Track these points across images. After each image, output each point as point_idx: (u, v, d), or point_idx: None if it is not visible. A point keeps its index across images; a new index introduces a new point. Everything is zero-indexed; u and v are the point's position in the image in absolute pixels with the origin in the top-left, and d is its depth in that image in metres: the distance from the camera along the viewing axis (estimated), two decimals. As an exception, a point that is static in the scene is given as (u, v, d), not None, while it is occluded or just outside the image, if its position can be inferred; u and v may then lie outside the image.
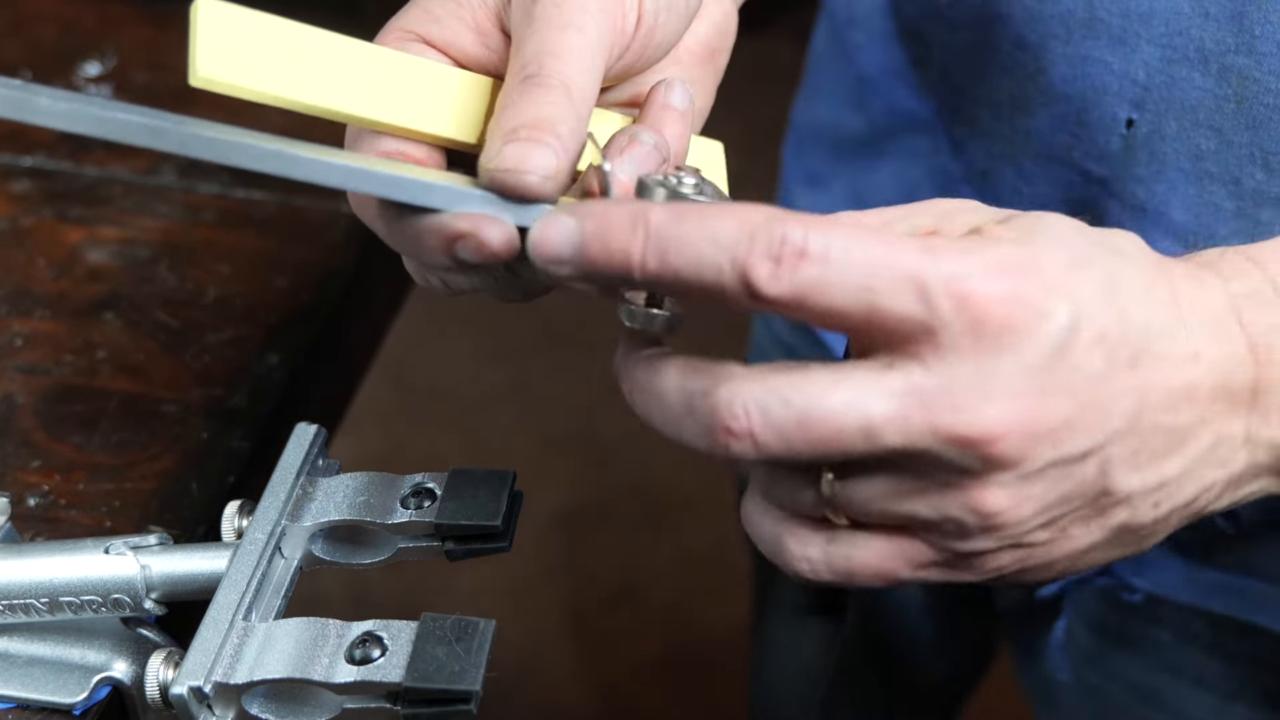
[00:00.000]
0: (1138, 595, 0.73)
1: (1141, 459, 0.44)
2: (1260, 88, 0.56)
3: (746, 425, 0.41)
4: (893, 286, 0.40)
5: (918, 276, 0.40)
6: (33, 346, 0.69)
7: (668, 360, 0.44)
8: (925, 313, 0.40)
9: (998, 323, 0.40)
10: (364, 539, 0.54)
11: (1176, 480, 0.45)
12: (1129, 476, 0.44)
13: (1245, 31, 0.56)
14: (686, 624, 1.92)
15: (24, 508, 0.61)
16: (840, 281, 0.40)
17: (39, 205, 0.77)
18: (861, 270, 0.40)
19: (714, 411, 0.42)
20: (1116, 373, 0.42)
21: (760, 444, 0.41)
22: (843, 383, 0.41)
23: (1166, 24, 0.57)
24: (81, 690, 0.52)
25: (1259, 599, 0.69)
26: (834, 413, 0.41)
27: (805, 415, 0.41)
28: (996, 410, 0.41)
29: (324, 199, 0.77)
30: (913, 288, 0.40)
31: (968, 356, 0.41)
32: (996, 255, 0.41)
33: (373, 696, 0.47)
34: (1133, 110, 0.60)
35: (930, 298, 0.40)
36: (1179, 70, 0.58)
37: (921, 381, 0.41)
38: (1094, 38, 0.60)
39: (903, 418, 0.41)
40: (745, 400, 0.41)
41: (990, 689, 1.15)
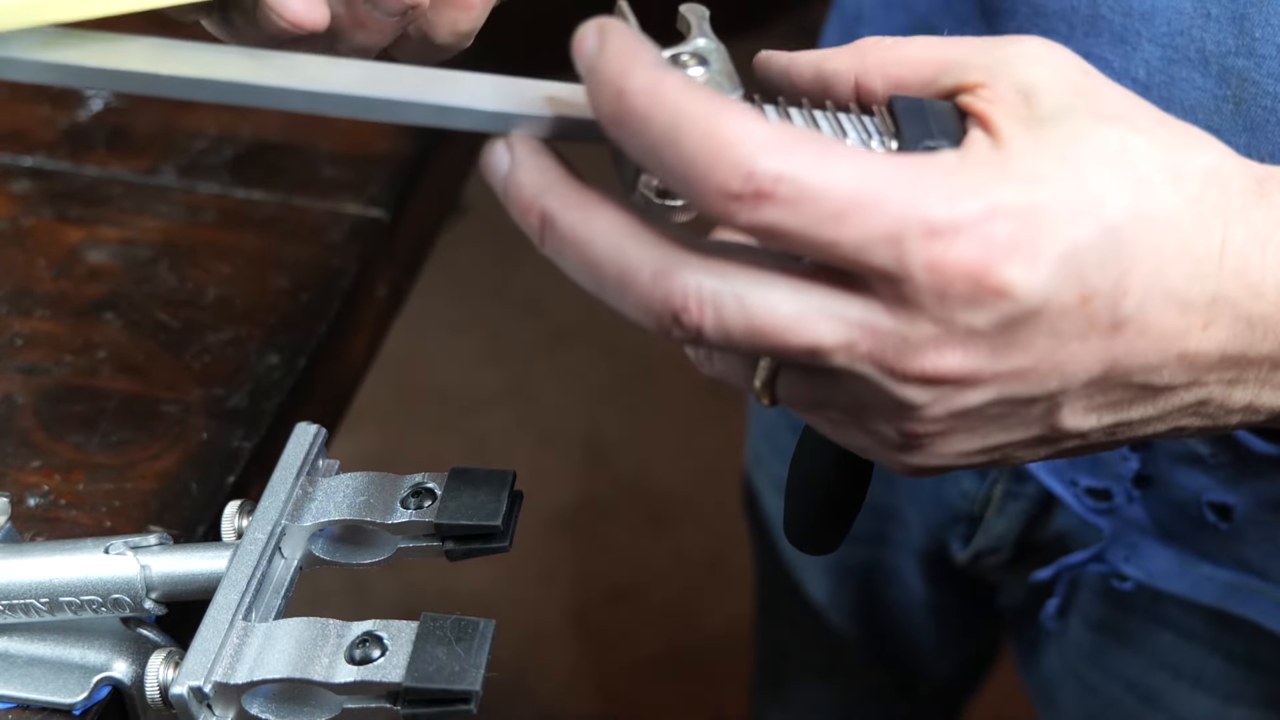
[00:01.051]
0: (1129, 584, 0.73)
1: (1100, 407, 0.42)
2: (1259, 90, 0.56)
3: (697, 320, 0.39)
4: (866, 239, 0.38)
5: (896, 233, 0.38)
6: (33, 346, 0.69)
7: (602, 210, 0.40)
8: (897, 269, 0.38)
9: (962, 295, 0.38)
10: (364, 539, 0.54)
11: (1142, 423, 0.43)
12: (1083, 419, 0.43)
13: (1246, 34, 0.56)
14: (686, 624, 1.92)
15: (24, 508, 0.61)
16: (806, 229, 0.38)
17: (39, 205, 0.77)
18: (832, 221, 0.38)
19: (667, 298, 0.39)
20: (1090, 336, 0.40)
21: (704, 338, 0.40)
22: (800, 296, 0.39)
23: (1168, 24, 0.58)
24: (81, 690, 0.52)
25: (1251, 593, 0.69)
26: (785, 327, 0.39)
27: (757, 323, 0.39)
28: (947, 360, 0.39)
29: (324, 199, 0.78)
30: (888, 244, 0.38)
31: (929, 311, 0.39)
32: (991, 205, 0.38)
33: (373, 696, 0.47)
34: None
35: (904, 257, 0.38)
36: (1179, 70, 0.58)
37: (877, 320, 0.39)
38: (1095, 35, 0.60)
39: (850, 345, 0.39)
40: (701, 293, 0.39)
41: (991, 689, 1.15)
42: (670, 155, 0.38)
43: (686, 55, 0.43)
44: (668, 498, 2.08)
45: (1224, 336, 0.41)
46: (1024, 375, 0.40)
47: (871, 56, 0.44)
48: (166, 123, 0.82)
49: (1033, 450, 0.44)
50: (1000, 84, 0.41)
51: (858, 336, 0.39)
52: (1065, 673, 0.81)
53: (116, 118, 0.82)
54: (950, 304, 0.39)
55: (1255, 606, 0.69)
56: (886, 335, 0.39)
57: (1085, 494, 0.72)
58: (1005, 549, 0.79)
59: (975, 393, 0.41)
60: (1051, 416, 0.42)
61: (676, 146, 0.38)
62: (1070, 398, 0.41)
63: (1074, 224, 0.39)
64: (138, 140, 0.81)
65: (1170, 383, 0.42)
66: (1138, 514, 0.71)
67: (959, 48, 0.43)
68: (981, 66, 0.42)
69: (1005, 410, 0.42)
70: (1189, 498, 0.69)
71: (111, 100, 0.83)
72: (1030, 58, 0.42)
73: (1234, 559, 0.69)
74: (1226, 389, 0.43)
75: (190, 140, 0.81)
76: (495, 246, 2.40)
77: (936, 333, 0.39)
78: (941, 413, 0.41)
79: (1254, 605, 0.69)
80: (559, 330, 2.28)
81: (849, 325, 0.39)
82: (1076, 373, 0.41)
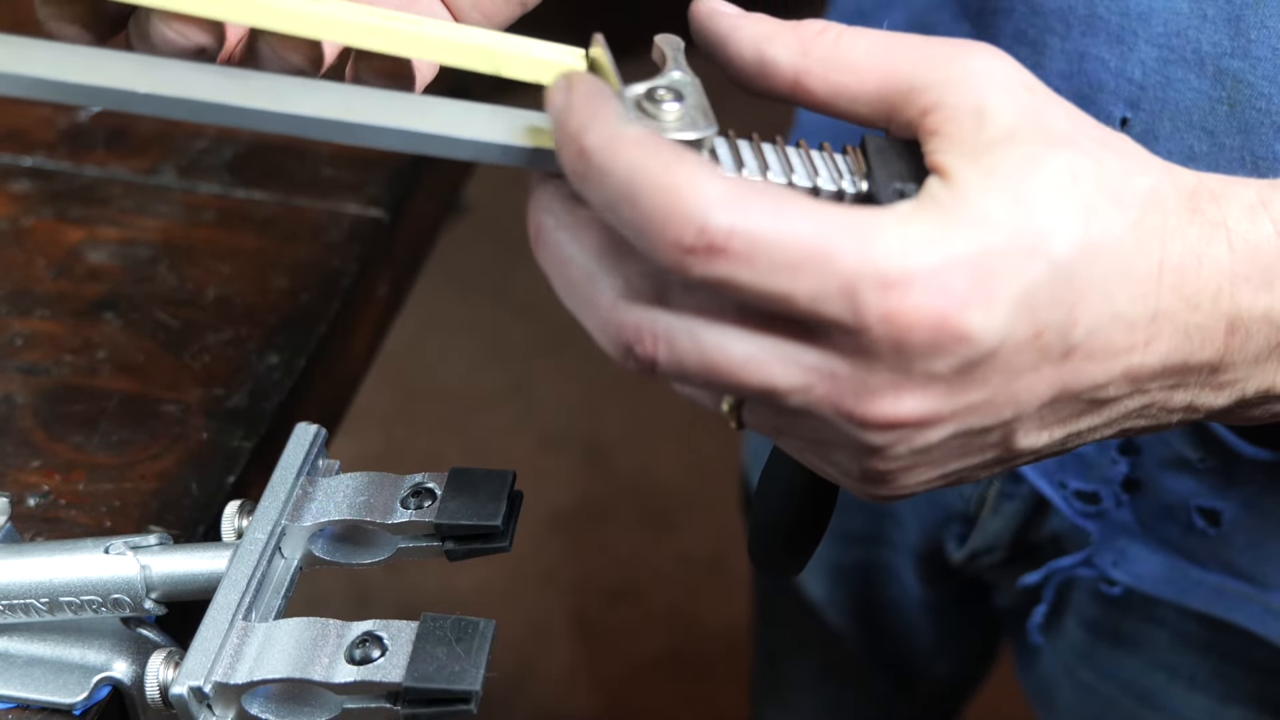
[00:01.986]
0: (1117, 589, 0.73)
1: (1052, 425, 0.43)
2: (1253, 92, 0.56)
3: (650, 352, 0.40)
4: (821, 292, 0.38)
5: (850, 286, 0.38)
6: (33, 346, 0.69)
7: (586, 233, 0.41)
8: (853, 320, 0.39)
9: (921, 344, 0.39)
10: (364, 539, 0.54)
11: (1090, 431, 0.44)
12: (1035, 438, 0.43)
13: (1241, 35, 0.56)
14: (686, 624, 1.92)
15: (24, 508, 0.61)
16: (760, 282, 0.38)
17: (39, 205, 0.77)
18: (786, 274, 0.38)
19: (620, 328, 0.40)
20: (1043, 366, 0.41)
21: (659, 370, 0.41)
22: (755, 339, 0.40)
23: (1165, 24, 0.58)
24: (81, 690, 0.52)
25: (1239, 598, 0.69)
26: (739, 367, 0.40)
27: (709, 361, 0.40)
28: (906, 405, 0.40)
29: (324, 199, 0.78)
30: (842, 296, 0.38)
31: (886, 359, 0.39)
32: (946, 258, 0.39)
33: (373, 696, 0.47)
34: (1128, 109, 0.60)
35: (859, 309, 0.38)
36: (1175, 71, 0.58)
37: (834, 366, 0.40)
38: (1092, 35, 0.60)
39: (806, 388, 0.40)
40: (655, 327, 0.40)
41: (990, 689, 1.15)
42: (626, 210, 0.39)
43: (662, 90, 0.43)
44: (668, 498, 2.08)
45: (1165, 349, 0.42)
46: (980, 409, 0.41)
47: (815, 53, 0.44)
48: (166, 123, 0.82)
49: (989, 469, 0.45)
50: (949, 106, 0.42)
51: (814, 380, 0.40)
52: (1061, 673, 0.81)
53: (116, 118, 0.82)
54: (908, 353, 0.39)
55: (1243, 611, 0.69)
56: (844, 381, 0.40)
57: (1074, 496, 0.72)
58: (1000, 549, 0.79)
59: (935, 431, 0.41)
60: (1008, 441, 0.43)
61: (632, 202, 0.39)
62: (1024, 422, 0.43)
63: (1027, 264, 0.40)
64: (138, 140, 0.81)
65: (1116, 395, 0.43)
66: (1126, 518, 0.71)
67: (906, 58, 0.43)
68: (930, 86, 0.42)
69: (963, 442, 0.43)
70: (1177, 502, 0.69)
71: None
72: (978, 75, 0.42)
73: (1222, 564, 0.69)
74: (1168, 394, 0.44)
75: (190, 140, 0.81)
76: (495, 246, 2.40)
77: (894, 379, 0.40)
78: (903, 451, 0.42)
79: (1242, 610, 0.69)
80: (559, 330, 2.28)
81: (804, 370, 0.40)
82: (1030, 400, 0.42)
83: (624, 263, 0.41)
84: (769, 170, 0.43)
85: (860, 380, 0.40)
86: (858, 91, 0.44)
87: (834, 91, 0.44)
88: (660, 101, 0.42)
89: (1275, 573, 0.68)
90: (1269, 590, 0.69)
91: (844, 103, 0.44)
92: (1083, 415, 0.44)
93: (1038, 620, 0.79)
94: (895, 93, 0.43)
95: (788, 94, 0.45)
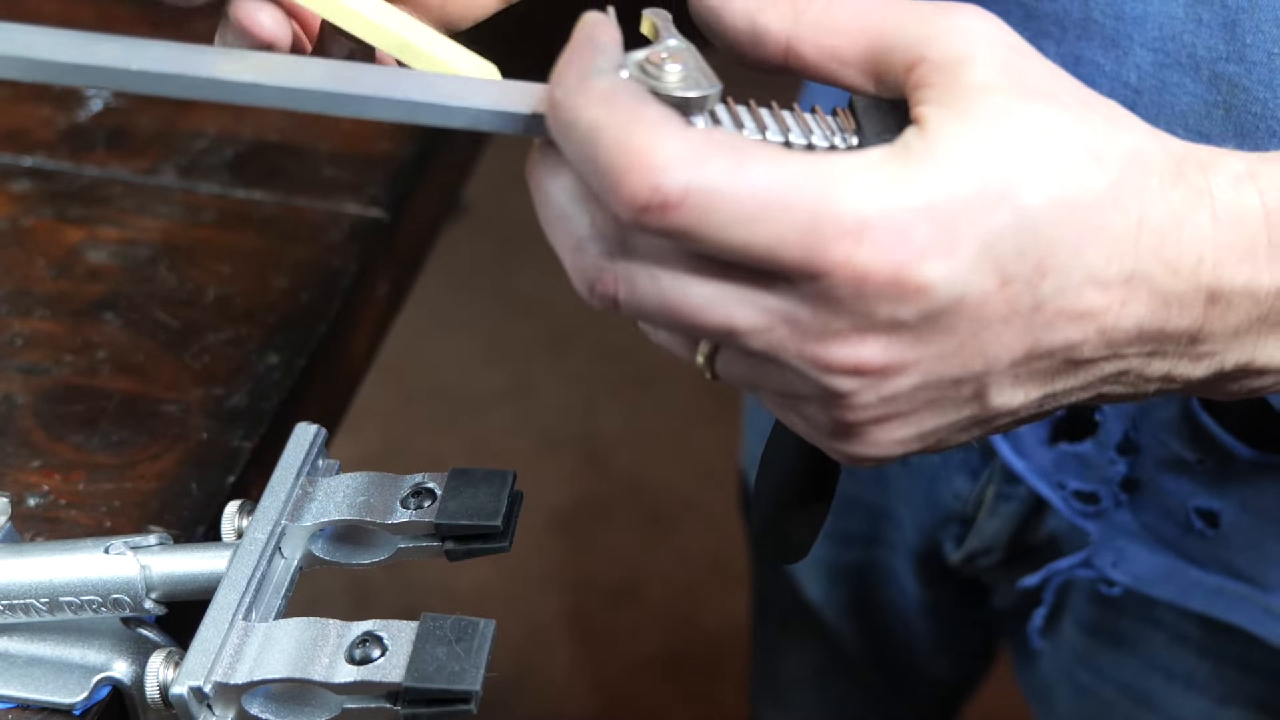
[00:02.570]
0: (1117, 589, 0.73)
1: (1026, 382, 0.43)
2: (1248, 96, 0.56)
3: (611, 292, 0.41)
4: (778, 241, 0.38)
5: (807, 233, 0.38)
6: (33, 346, 0.69)
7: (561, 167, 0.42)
8: (811, 267, 0.38)
9: (879, 292, 0.39)
10: (364, 539, 0.54)
11: (1066, 394, 0.44)
12: (1010, 396, 0.43)
13: (1236, 40, 0.56)
14: (686, 624, 1.92)
15: (24, 508, 0.61)
16: (716, 234, 0.39)
17: (39, 205, 0.77)
18: (743, 225, 0.38)
19: (584, 267, 0.41)
20: (1013, 319, 0.40)
21: (620, 308, 0.41)
22: (714, 283, 0.40)
23: (1160, 28, 0.58)
24: (81, 690, 0.52)
25: (1238, 599, 0.69)
26: (697, 307, 0.40)
27: (669, 301, 0.40)
28: (869, 349, 0.40)
29: (324, 199, 0.78)
30: (801, 245, 0.38)
31: (848, 305, 0.39)
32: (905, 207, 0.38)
33: (373, 696, 0.47)
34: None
35: (818, 256, 0.38)
36: (1170, 75, 0.58)
37: (795, 310, 0.40)
38: (1088, 39, 0.60)
39: (767, 329, 0.40)
40: (615, 270, 0.41)
41: (990, 690, 1.15)
42: (588, 165, 0.40)
43: (664, 54, 0.43)
44: (668, 498, 2.08)
45: (1142, 313, 0.42)
46: (948, 359, 0.41)
47: (806, 18, 0.44)
48: (166, 123, 0.82)
49: (967, 432, 0.44)
50: (932, 58, 0.41)
51: (774, 322, 0.40)
52: (1059, 674, 0.81)
53: (116, 118, 0.82)
54: (869, 300, 0.39)
55: (1242, 612, 0.69)
56: (805, 325, 0.40)
57: (1073, 497, 0.72)
58: (998, 550, 0.79)
59: (902, 379, 0.41)
60: (981, 397, 0.42)
61: (592, 158, 0.39)
62: (997, 377, 0.42)
63: (991, 213, 0.39)
64: (138, 140, 0.81)
65: (1091, 357, 0.42)
66: (1125, 519, 0.71)
67: (893, 17, 0.43)
68: (915, 41, 0.42)
69: (935, 395, 0.42)
70: (1176, 503, 0.69)
71: (111, 100, 0.83)
72: (963, 30, 0.42)
73: (1221, 565, 0.69)
74: (1145, 360, 0.43)
75: (190, 140, 0.81)
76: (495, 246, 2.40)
77: (857, 323, 0.39)
78: (871, 399, 0.41)
79: (1241, 611, 0.69)
80: (559, 330, 2.28)
81: (764, 312, 0.40)
82: (1000, 353, 0.41)
83: (592, 206, 0.41)
84: (767, 130, 0.43)
85: (822, 324, 0.40)
86: (847, 53, 0.43)
87: (825, 55, 0.44)
88: (663, 64, 0.43)
89: (1274, 574, 0.68)
90: (1268, 591, 0.69)
91: (835, 66, 0.44)
92: (1058, 375, 0.43)
93: (1038, 624, 0.79)
94: (882, 50, 0.43)
95: (780, 63, 0.45)
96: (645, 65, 0.43)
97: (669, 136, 0.39)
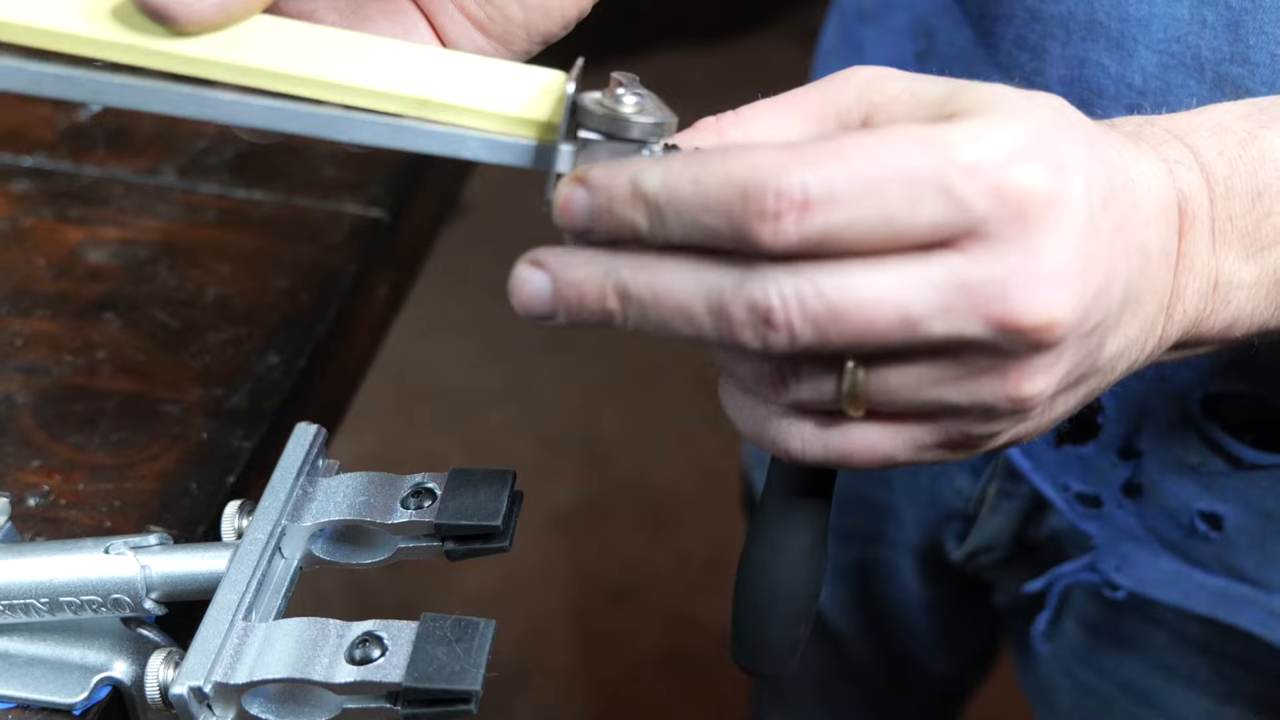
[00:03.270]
0: (1121, 593, 0.73)
1: (1118, 324, 0.43)
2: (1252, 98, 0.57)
3: (785, 318, 0.39)
4: (915, 201, 0.38)
5: (941, 180, 0.38)
6: (33, 346, 0.69)
7: (667, 258, 0.41)
8: (959, 214, 0.39)
9: (1041, 204, 0.39)
10: (364, 539, 0.54)
11: (1131, 346, 0.45)
12: (1110, 344, 0.43)
13: (1240, 41, 0.56)
14: (686, 624, 1.92)
15: (24, 508, 0.61)
16: (855, 220, 0.38)
17: (39, 205, 0.77)
18: (874, 200, 0.38)
19: (751, 305, 0.40)
20: (1116, 236, 0.41)
21: (796, 336, 0.40)
22: (877, 272, 0.39)
23: (1165, 30, 0.58)
24: (81, 690, 0.52)
25: (1242, 602, 0.69)
26: (870, 303, 0.39)
27: (838, 306, 0.39)
28: (1048, 295, 0.39)
29: (324, 199, 0.78)
30: (938, 194, 0.38)
31: (1016, 242, 0.39)
32: (1009, 135, 0.39)
33: (373, 696, 0.47)
34: (1128, 114, 0.61)
35: (961, 199, 0.38)
36: (1175, 76, 0.58)
37: (965, 271, 0.39)
38: (1093, 40, 0.60)
39: (946, 308, 0.39)
40: (782, 290, 0.39)
41: (990, 690, 1.15)
42: (708, 217, 0.39)
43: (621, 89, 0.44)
44: (668, 498, 2.08)
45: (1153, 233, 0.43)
46: (1101, 295, 0.41)
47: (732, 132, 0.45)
48: (166, 123, 0.82)
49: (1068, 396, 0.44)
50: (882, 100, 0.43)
51: (951, 296, 0.39)
52: (1061, 673, 0.81)
53: (116, 118, 0.82)
54: (1029, 223, 0.39)
55: (1246, 615, 0.69)
56: (979, 284, 0.39)
57: (1075, 499, 0.72)
58: (1000, 548, 0.79)
59: (1075, 331, 0.40)
60: (1099, 349, 0.43)
61: (706, 199, 0.39)
62: (1112, 317, 0.42)
63: (1067, 139, 0.40)
64: (138, 140, 0.81)
65: (1140, 290, 0.43)
66: (1129, 522, 0.71)
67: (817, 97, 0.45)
68: (848, 104, 0.44)
69: (1080, 347, 0.42)
70: (1180, 506, 0.69)
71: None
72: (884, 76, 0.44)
73: (1226, 568, 0.69)
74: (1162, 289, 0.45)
75: (190, 140, 0.81)
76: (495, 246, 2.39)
77: (1026, 263, 0.39)
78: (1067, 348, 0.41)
79: (1245, 614, 0.69)
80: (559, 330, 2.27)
81: (937, 289, 0.39)
82: (1119, 279, 0.42)
83: (719, 257, 0.41)
84: None
85: (995, 279, 0.39)
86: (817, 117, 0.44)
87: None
88: (620, 97, 0.43)
89: (1278, 576, 0.68)
90: (1272, 593, 0.69)
91: None
92: (1127, 318, 0.43)
93: (1041, 627, 0.79)
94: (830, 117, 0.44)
95: None
96: (603, 100, 0.43)
97: (764, 149, 0.39)
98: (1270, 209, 0.45)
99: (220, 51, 0.45)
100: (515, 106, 0.45)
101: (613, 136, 0.44)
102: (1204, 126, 0.46)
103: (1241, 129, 0.46)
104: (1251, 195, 0.45)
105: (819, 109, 0.44)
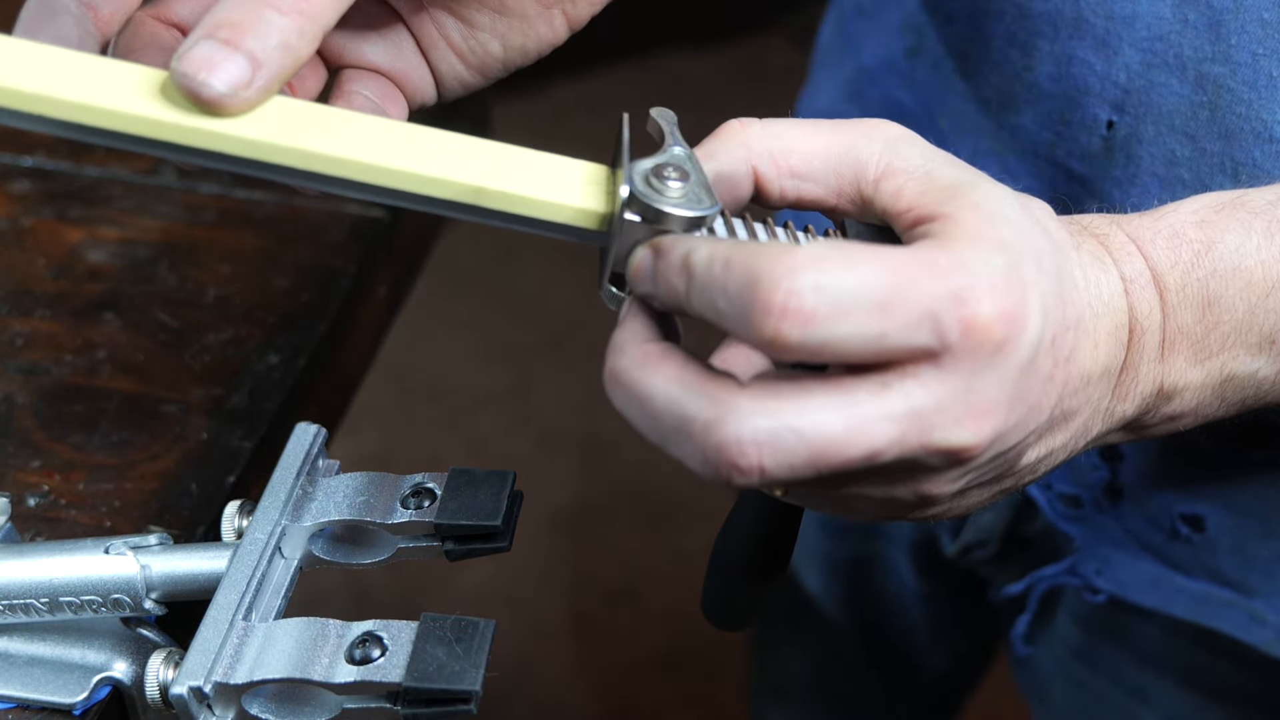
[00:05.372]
0: (1101, 596, 0.73)
1: (1042, 439, 0.46)
2: (1233, 97, 0.57)
3: (756, 462, 0.41)
4: (907, 325, 0.40)
5: (931, 310, 0.40)
6: (33, 346, 0.69)
7: (660, 365, 0.43)
8: (936, 342, 0.41)
9: (995, 342, 0.41)
10: (364, 539, 0.54)
11: (1058, 450, 0.47)
12: (1029, 454, 0.46)
13: (1222, 41, 0.56)
14: (686, 624, 1.92)
15: (24, 508, 0.61)
16: (851, 336, 0.40)
17: (39, 205, 0.77)
18: (874, 320, 0.40)
19: (720, 448, 0.41)
20: (1055, 371, 0.44)
21: (767, 476, 0.41)
22: (847, 409, 0.41)
23: (1148, 28, 0.58)
24: (81, 690, 0.52)
25: (1221, 606, 0.69)
26: (842, 442, 0.41)
27: (816, 450, 0.41)
28: (977, 425, 0.42)
29: (324, 199, 0.78)
30: (928, 322, 0.40)
31: (962, 373, 0.41)
32: (990, 267, 0.41)
33: (373, 696, 0.47)
34: (1113, 112, 0.61)
35: (941, 328, 0.40)
36: (1158, 75, 0.59)
37: (920, 403, 0.41)
38: (1079, 38, 0.60)
39: (901, 439, 0.41)
40: (756, 436, 0.40)
41: (990, 689, 1.15)
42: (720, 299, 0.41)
43: (669, 168, 0.45)
44: (668, 498, 2.08)
45: (1101, 356, 0.46)
46: (1021, 426, 0.44)
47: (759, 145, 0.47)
48: (166, 123, 0.82)
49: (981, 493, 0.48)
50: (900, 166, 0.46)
51: (906, 428, 0.41)
52: (1055, 669, 0.81)
53: (116, 118, 0.82)
54: (979, 358, 0.41)
55: (1228, 619, 0.69)
56: (928, 414, 0.41)
57: (1058, 499, 0.72)
58: (993, 543, 0.79)
59: (989, 452, 0.43)
60: (1016, 460, 0.46)
61: (724, 289, 0.41)
62: (1033, 437, 0.45)
63: (1037, 276, 0.43)
64: (138, 140, 0.81)
65: (1079, 406, 0.47)
66: (1110, 526, 0.71)
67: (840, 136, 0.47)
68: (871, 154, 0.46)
69: (993, 463, 0.45)
70: (1161, 509, 0.69)
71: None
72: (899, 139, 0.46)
73: (1207, 571, 0.69)
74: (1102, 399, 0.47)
75: (190, 140, 0.81)
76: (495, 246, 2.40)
77: (967, 394, 0.42)
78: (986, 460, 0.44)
79: (1226, 618, 0.69)
80: (559, 330, 2.28)
81: (896, 421, 0.41)
82: (1045, 409, 0.45)
83: (707, 384, 0.42)
84: None
85: (940, 409, 0.41)
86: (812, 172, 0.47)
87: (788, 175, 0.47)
88: (666, 179, 0.45)
89: (1259, 579, 0.68)
90: (1253, 597, 0.69)
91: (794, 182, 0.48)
92: (1057, 430, 0.47)
93: (1021, 630, 0.79)
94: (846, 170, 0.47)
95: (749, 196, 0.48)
96: (650, 179, 0.45)
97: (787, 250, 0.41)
98: (1219, 319, 0.48)
99: (270, 134, 0.44)
100: (566, 195, 0.46)
101: (653, 224, 0.45)
102: (1162, 234, 0.48)
103: (1197, 239, 0.48)
104: (1202, 306, 0.48)
105: (843, 147, 0.47)
